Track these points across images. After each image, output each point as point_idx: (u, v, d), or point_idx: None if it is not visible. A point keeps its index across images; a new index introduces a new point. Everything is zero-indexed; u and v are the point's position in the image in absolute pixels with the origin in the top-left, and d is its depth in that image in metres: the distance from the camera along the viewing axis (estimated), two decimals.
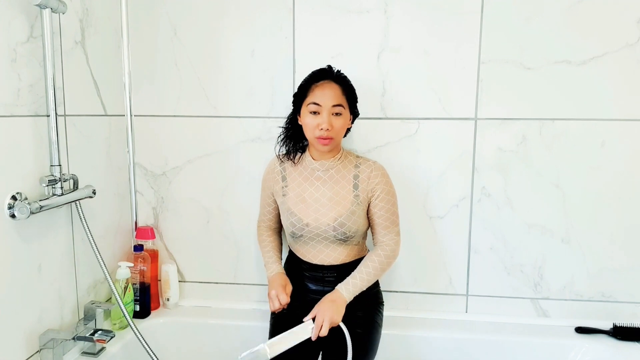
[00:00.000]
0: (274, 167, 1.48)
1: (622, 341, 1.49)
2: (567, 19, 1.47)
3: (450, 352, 1.53)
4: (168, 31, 1.61)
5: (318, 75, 1.36)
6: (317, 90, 1.33)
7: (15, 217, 1.10)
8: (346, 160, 1.43)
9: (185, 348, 1.60)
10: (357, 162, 1.43)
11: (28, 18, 1.17)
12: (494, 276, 1.61)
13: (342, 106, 1.33)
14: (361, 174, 1.40)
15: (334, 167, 1.41)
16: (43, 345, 1.21)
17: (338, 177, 1.41)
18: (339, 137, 1.37)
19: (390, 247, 1.40)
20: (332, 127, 1.32)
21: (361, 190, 1.39)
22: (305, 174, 1.43)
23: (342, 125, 1.34)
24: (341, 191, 1.39)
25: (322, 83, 1.34)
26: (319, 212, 1.38)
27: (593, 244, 1.56)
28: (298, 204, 1.41)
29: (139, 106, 1.65)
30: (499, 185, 1.57)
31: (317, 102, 1.32)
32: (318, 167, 1.41)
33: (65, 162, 1.32)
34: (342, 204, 1.38)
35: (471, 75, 1.52)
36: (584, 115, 1.51)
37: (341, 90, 1.34)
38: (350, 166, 1.42)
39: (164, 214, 1.71)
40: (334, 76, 1.36)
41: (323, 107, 1.31)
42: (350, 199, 1.38)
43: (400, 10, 1.52)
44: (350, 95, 1.37)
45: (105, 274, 1.34)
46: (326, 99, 1.31)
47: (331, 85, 1.34)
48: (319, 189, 1.40)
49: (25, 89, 1.17)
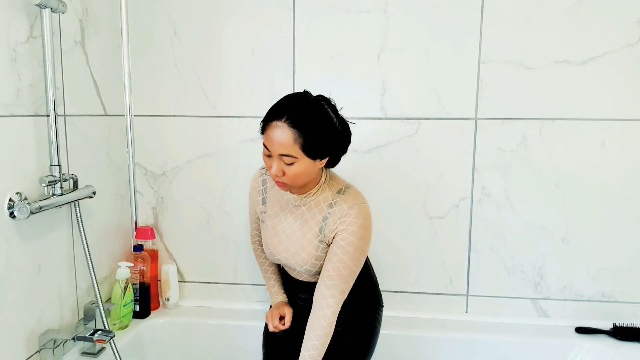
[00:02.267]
0: (257, 185, 1.37)
1: (622, 341, 1.48)
2: (567, 19, 1.47)
3: (450, 352, 1.53)
4: (168, 31, 1.61)
5: (272, 112, 1.12)
6: (268, 132, 1.11)
7: (15, 217, 1.10)
8: (322, 197, 1.23)
9: (185, 348, 1.60)
10: (334, 200, 1.21)
11: (28, 18, 1.17)
12: (494, 276, 1.61)
13: (291, 157, 1.10)
14: (331, 216, 1.20)
15: (306, 203, 1.24)
16: (43, 346, 1.21)
17: (308, 215, 1.24)
18: (298, 182, 1.15)
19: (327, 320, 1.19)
20: (283, 173, 1.13)
21: (325, 235, 1.21)
22: (282, 203, 1.30)
23: (298, 172, 1.12)
24: (308, 233, 1.24)
25: (272, 125, 1.10)
26: (289, 251, 1.28)
27: (593, 244, 1.56)
28: (272, 236, 1.31)
29: (139, 106, 1.65)
30: (499, 185, 1.57)
31: (266, 146, 1.13)
32: (292, 200, 1.26)
33: (65, 162, 1.32)
34: (307, 249, 1.24)
35: (471, 75, 1.52)
36: (584, 115, 1.51)
37: (293, 138, 1.08)
38: (323, 204, 1.22)
39: (164, 214, 1.71)
40: (291, 115, 1.09)
41: (272, 153, 1.12)
42: (315, 243, 1.23)
43: (400, 10, 1.52)
44: (309, 141, 1.09)
45: (93, 282, 1.34)
46: (273, 145, 1.10)
47: (282, 130, 1.08)
48: (291, 225, 1.28)
49: (25, 89, 1.17)
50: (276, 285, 1.45)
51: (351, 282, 1.22)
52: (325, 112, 1.13)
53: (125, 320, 1.53)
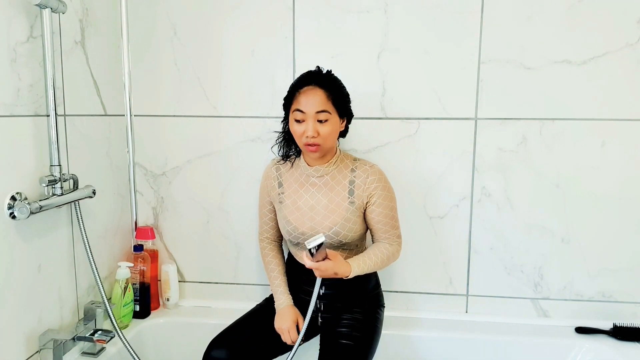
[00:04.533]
0: (271, 173, 1.45)
1: (622, 341, 1.48)
2: (567, 19, 1.47)
3: (450, 352, 1.53)
4: (168, 31, 1.61)
5: (302, 81, 1.30)
6: (300, 97, 1.28)
7: (15, 217, 1.10)
8: (342, 165, 1.38)
9: (185, 348, 1.60)
10: (354, 165, 1.38)
11: (28, 18, 1.17)
12: (494, 276, 1.61)
13: (327, 112, 1.27)
14: (357, 178, 1.35)
15: (328, 172, 1.37)
16: (43, 346, 1.21)
17: (333, 182, 1.37)
18: (328, 143, 1.31)
19: (392, 248, 1.37)
20: (318, 134, 1.27)
21: (357, 196, 1.35)
22: (301, 180, 1.40)
23: (330, 131, 1.28)
24: (336, 198, 1.35)
25: (305, 89, 1.28)
26: (314, 220, 1.35)
27: (593, 244, 1.56)
28: (294, 212, 1.38)
29: (139, 106, 1.65)
30: (499, 185, 1.57)
31: (301, 109, 1.27)
32: (313, 173, 1.37)
33: (65, 162, 1.32)
34: (336, 211, 1.34)
35: (471, 75, 1.52)
36: (584, 115, 1.51)
37: (326, 95, 1.27)
38: (346, 171, 1.37)
39: (164, 214, 1.71)
40: (318, 80, 1.29)
41: (307, 115, 1.26)
42: (345, 205, 1.34)
43: (400, 10, 1.52)
44: (338, 98, 1.30)
45: (97, 279, 1.34)
46: (309, 106, 1.26)
47: (315, 91, 1.27)
48: (314, 196, 1.37)
49: (25, 89, 1.17)
50: (282, 286, 1.44)
51: (398, 225, 1.40)
52: (338, 79, 1.34)
53: (125, 320, 1.53)
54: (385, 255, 1.34)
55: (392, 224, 1.38)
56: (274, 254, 1.49)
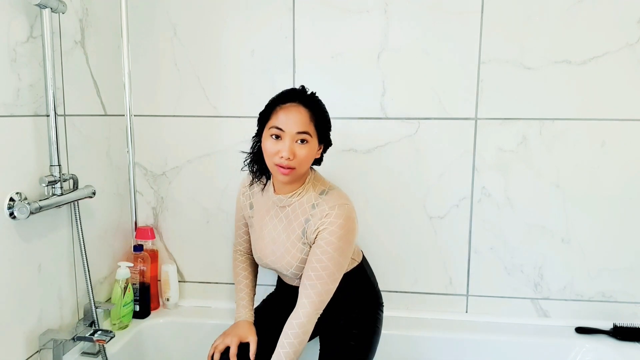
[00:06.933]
0: (245, 190, 1.39)
1: (623, 341, 1.48)
2: (567, 19, 1.47)
3: (450, 352, 1.53)
4: (168, 31, 1.61)
5: (285, 96, 1.19)
6: (281, 113, 1.16)
7: (15, 217, 1.10)
8: (305, 197, 1.24)
9: (185, 348, 1.60)
10: (316, 201, 1.22)
11: (28, 18, 1.17)
12: (494, 276, 1.61)
13: (308, 134, 1.16)
14: (312, 217, 1.21)
15: (291, 204, 1.25)
16: (43, 346, 1.21)
17: (292, 216, 1.25)
18: (302, 168, 1.18)
19: (300, 320, 1.19)
20: (294, 155, 1.15)
21: (307, 237, 1.22)
22: (268, 205, 1.31)
23: (307, 155, 1.16)
24: (291, 235, 1.25)
25: (288, 105, 1.17)
26: (275, 255, 1.29)
27: (593, 244, 1.56)
28: (259, 240, 1.33)
29: (139, 106, 1.65)
30: (499, 185, 1.57)
31: (280, 127, 1.15)
32: (277, 202, 1.27)
33: (65, 162, 1.32)
34: (291, 252, 1.25)
35: (471, 75, 1.52)
36: (584, 115, 1.51)
37: (309, 116, 1.17)
38: (307, 205, 1.23)
39: (164, 214, 1.71)
40: (303, 99, 1.19)
41: (286, 133, 1.15)
42: (299, 246, 1.24)
43: (400, 10, 1.52)
44: (320, 122, 1.19)
45: (88, 282, 1.34)
46: (290, 124, 1.15)
47: (298, 109, 1.16)
48: (276, 228, 1.28)
49: (25, 89, 1.17)
50: (246, 299, 1.39)
51: (330, 284, 1.20)
52: (322, 102, 1.24)
53: (125, 320, 1.53)
54: (299, 337, 1.18)
55: (322, 275, 1.18)
56: (244, 266, 1.47)
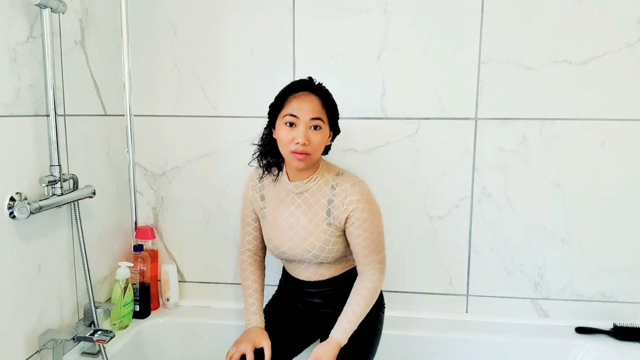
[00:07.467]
0: (254, 184, 1.39)
1: (623, 341, 1.48)
2: (567, 19, 1.47)
3: (450, 352, 1.53)
4: (168, 31, 1.61)
5: (297, 86, 1.25)
6: (294, 102, 1.22)
7: (15, 217, 1.10)
8: (322, 181, 1.29)
9: (185, 348, 1.60)
10: (335, 182, 1.28)
11: (28, 18, 1.17)
12: (494, 276, 1.61)
13: (321, 120, 1.21)
14: (336, 198, 1.27)
15: (308, 189, 1.29)
16: (43, 346, 1.21)
17: (312, 201, 1.29)
18: (316, 154, 1.24)
19: (372, 283, 1.29)
20: (309, 141, 1.20)
21: (334, 217, 1.27)
22: (282, 195, 1.33)
23: (320, 140, 1.22)
24: (314, 218, 1.28)
25: (300, 94, 1.23)
26: (294, 241, 1.30)
27: (593, 244, 1.56)
28: (275, 229, 1.33)
29: (139, 106, 1.65)
30: (499, 185, 1.56)
31: (294, 114, 1.20)
32: (293, 189, 1.30)
33: (65, 162, 1.32)
34: (315, 233, 1.28)
35: (471, 75, 1.52)
36: (584, 115, 1.51)
37: (321, 104, 1.23)
38: (326, 188, 1.28)
39: (164, 214, 1.71)
40: (314, 88, 1.25)
41: (300, 120, 1.20)
42: (323, 227, 1.28)
43: (400, 10, 1.52)
44: (330, 109, 1.25)
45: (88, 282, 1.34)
46: (304, 111, 1.20)
47: (310, 97, 1.22)
48: (293, 214, 1.31)
49: (25, 89, 1.17)
50: (256, 305, 1.38)
51: (382, 248, 1.31)
52: (329, 91, 1.29)
53: (125, 320, 1.53)
54: (368, 299, 1.28)
55: (373, 248, 1.28)
56: (252, 270, 1.43)
